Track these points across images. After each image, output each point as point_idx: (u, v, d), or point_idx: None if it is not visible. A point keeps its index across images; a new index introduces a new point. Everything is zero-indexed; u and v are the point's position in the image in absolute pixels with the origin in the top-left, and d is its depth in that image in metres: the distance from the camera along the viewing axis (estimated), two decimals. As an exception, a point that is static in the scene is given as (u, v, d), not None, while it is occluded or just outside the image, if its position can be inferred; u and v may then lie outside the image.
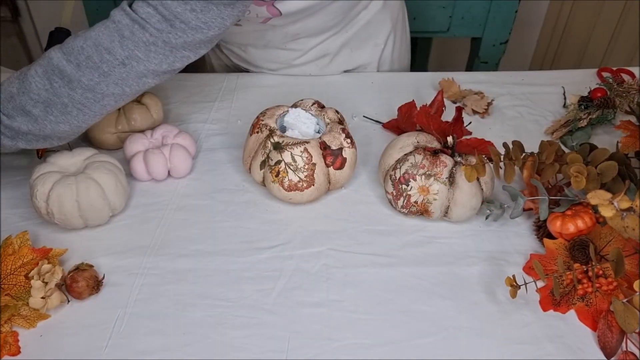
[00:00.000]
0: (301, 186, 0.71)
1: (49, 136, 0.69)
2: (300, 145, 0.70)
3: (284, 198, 0.73)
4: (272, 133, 0.72)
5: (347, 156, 0.73)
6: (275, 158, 0.70)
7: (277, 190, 0.72)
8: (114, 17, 0.68)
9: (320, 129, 0.77)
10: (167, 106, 0.93)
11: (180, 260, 0.68)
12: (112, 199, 0.70)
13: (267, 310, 0.63)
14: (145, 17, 0.66)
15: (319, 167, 0.71)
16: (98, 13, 1.19)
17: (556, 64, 1.98)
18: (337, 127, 0.74)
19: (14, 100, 0.67)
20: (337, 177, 0.74)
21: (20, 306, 0.61)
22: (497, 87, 1.00)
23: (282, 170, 0.70)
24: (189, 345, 0.59)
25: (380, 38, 1.03)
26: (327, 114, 0.76)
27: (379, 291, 0.65)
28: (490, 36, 1.26)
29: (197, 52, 0.70)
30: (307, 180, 0.71)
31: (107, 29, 0.67)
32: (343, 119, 0.77)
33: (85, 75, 0.66)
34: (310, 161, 0.70)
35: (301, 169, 0.70)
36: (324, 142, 0.72)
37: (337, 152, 0.72)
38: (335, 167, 0.73)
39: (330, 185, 0.75)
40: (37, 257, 0.64)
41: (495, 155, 0.69)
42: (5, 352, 0.57)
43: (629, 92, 0.92)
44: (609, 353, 0.59)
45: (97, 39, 0.67)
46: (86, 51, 0.66)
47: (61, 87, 0.66)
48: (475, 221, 0.74)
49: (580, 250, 0.65)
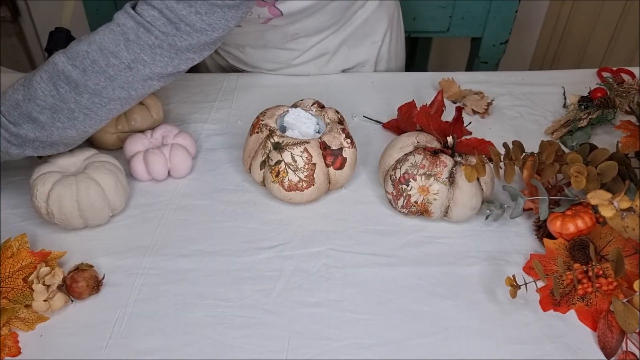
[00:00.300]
0: (301, 186, 0.71)
1: (56, 142, 0.69)
2: (300, 145, 0.70)
3: (284, 198, 0.73)
4: (272, 133, 0.72)
5: (347, 156, 0.73)
6: (275, 158, 0.70)
7: (277, 190, 0.72)
8: (117, 20, 0.67)
9: (320, 129, 0.77)
10: (167, 106, 0.93)
11: (180, 260, 0.68)
12: (112, 199, 0.70)
13: (267, 310, 0.63)
14: (150, 20, 0.66)
15: (319, 167, 0.71)
16: (98, 13, 1.19)
17: (556, 64, 1.98)
18: (337, 127, 0.74)
19: (20, 107, 0.67)
20: (337, 177, 0.74)
21: (18, 309, 0.61)
22: (497, 87, 1.00)
23: (282, 170, 0.70)
24: (189, 345, 0.59)
25: (377, 35, 1.04)
26: (327, 114, 0.76)
27: (379, 291, 0.65)
28: (490, 36, 1.26)
29: (202, 54, 0.71)
30: (307, 180, 0.71)
31: (111, 33, 0.67)
32: (343, 119, 0.77)
33: (92, 79, 0.66)
34: (310, 161, 0.70)
35: (301, 169, 0.70)
36: (324, 142, 0.72)
37: (337, 152, 0.72)
38: (335, 167, 0.73)
39: (331, 185, 0.75)
40: (36, 260, 0.64)
41: (495, 155, 0.69)
42: (5, 354, 0.57)
43: (629, 92, 0.92)
44: (609, 353, 0.59)
45: (101, 42, 0.66)
46: (91, 55, 0.66)
47: (67, 93, 0.66)
48: (475, 221, 0.74)
49: (580, 250, 0.65)
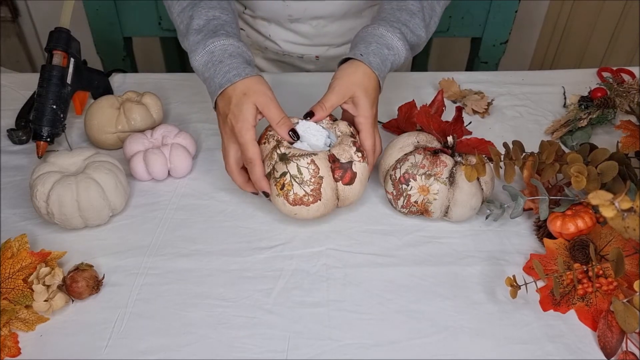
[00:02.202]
0: (307, 200, 0.67)
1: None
2: (307, 157, 0.66)
3: (289, 213, 0.69)
4: (279, 144, 0.69)
5: (357, 171, 0.68)
6: (281, 170, 0.67)
7: (282, 205, 0.68)
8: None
9: (331, 142, 0.72)
10: (167, 106, 0.93)
11: (180, 260, 0.68)
12: (112, 199, 0.70)
13: (267, 310, 0.63)
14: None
15: (327, 181, 0.67)
16: (98, 13, 1.19)
17: (556, 64, 1.98)
18: (348, 139, 0.70)
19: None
20: (347, 193, 0.69)
21: (18, 310, 0.61)
22: (497, 87, 1.00)
23: (287, 183, 0.66)
24: (189, 345, 0.59)
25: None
26: (339, 127, 0.73)
27: (379, 291, 0.65)
28: (490, 36, 1.26)
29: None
30: (313, 194, 0.67)
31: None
32: (355, 133, 0.73)
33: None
34: (317, 174, 0.66)
35: (307, 182, 0.66)
36: (333, 155, 0.68)
37: (346, 165, 0.68)
38: (344, 182, 0.68)
39: (340, 201, 0.70)
40: (36, 260, 0.63)
41: (495, 155, 0.69)
42: (5, 354, 0.57)
43: (629, 92, 0.92)
44: (609, 353, 0.59)
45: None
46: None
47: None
48: (475, 221, 0.74)
49: (580, 250, 0.65)
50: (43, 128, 0.79)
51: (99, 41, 1.24)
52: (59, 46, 0.82)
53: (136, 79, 1.02)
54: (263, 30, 1.03)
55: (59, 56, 0.82)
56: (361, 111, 0.71)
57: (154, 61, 1.70)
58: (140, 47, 1.47)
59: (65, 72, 0.82)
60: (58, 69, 0.81)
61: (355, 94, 0.71)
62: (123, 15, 1.20)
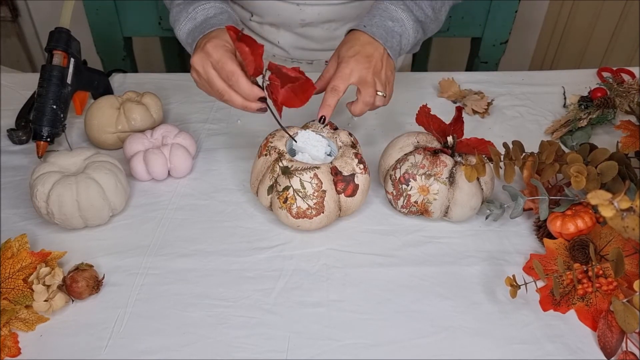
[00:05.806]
0: (310, 214, 0.67)
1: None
2: (310, 171, 0.66)
3: (291, 225, 0.69)
4: (281, 156, 0.68)
5: (359, 183, 0.69)
6: (284, 184, 0.67)
7: (284, 217, 0.68)
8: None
9: (332, 150, 0.73)
10: (167, 106, 0.93)
11: (180, 260, 0.68)
12: (112, 199, 0.70)
13: (267, 310, 0.63)
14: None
15: (329, 194, 0.67)
16: (98, 13, 1.19)
17: (556, 64, 1.99)
18: (350, 151, 0.70)
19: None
20: (349, 205, 0.70)
21: (18, 310, 0.61)
22: (497, 87, 1.00)
23: (291, 197, 0.66)
24: (189, 345, 0.59)
25: None
26: (340, 136, 0.73)
27: (379, 291, 0.65)
28: (490, 36, 1.26)
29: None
30: (317, 207, 0.67)
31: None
32: (356, 142, 0.74)
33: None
34: (320, 188, 0.66)
35: (310, 196, 0.66)
36: (335, 168, 0.68)
37: (348, 178, 0.68)
38: (346, 194, 0.68)
39: (341, 212, 0.71)
40: (36, 260, 0.63)
41: (495, 155, 0.69)
42: (5, 355, 0.57)
43: (629, 92, 0.92)
44: (609, 353, 0.59)
45: None
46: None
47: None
48: (475, 221, 0.74)
49: (580, 250, 0.65)
50: (43, 128, 0.79)
51: (99, 41, 1.24)
52: (59, 46, 0.82)
53: (136, 79, 1.02)
54: (271, 37, 1.02)
55: (59, 56, 0.82)
56: (338, 72, 0.72)
57: (154, 61, 1.70)
58: (140, 47, 1.47)
59: (65, 72, 0.82)
60: (58, 69, 0.81)
61: (341, 53, 0.74)
62: (123, 15, 1.20)
